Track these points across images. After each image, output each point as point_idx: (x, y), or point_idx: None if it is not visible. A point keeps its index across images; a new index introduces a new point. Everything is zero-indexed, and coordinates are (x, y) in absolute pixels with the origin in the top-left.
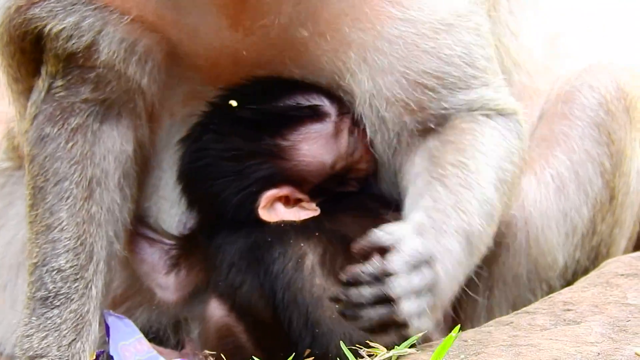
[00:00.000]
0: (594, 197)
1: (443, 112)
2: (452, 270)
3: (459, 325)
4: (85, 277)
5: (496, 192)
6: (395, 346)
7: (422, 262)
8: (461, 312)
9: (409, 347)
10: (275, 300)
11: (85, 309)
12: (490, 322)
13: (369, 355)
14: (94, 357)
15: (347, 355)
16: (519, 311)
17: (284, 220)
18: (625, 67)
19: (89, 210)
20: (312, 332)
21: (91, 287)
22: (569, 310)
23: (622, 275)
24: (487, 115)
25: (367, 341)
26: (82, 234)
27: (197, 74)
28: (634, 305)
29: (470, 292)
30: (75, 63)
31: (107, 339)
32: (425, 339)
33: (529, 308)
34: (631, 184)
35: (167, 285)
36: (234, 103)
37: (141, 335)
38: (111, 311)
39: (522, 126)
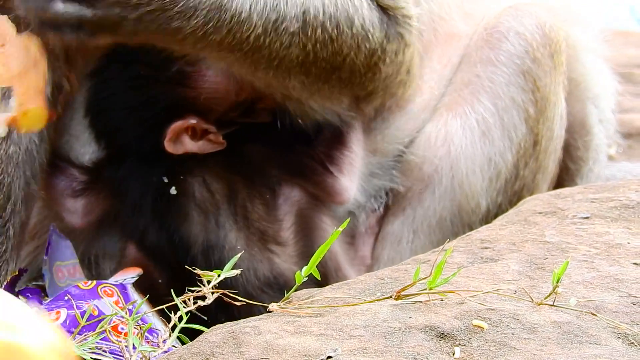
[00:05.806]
0: (518, 143)
1: None
2: None
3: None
4: (3, 217)
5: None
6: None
7: None
8: (384, 255)
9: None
10: (178, 241)
11: (3, 248)
12: (408, 260)
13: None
14: (16, 274)
15: (176, 301)
16: (437, 249)
17: (188, 153)
18: (548, 7)
19: (7, 150)
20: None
21: (9, 227)
22: (486, 248)
23: (540, 213)
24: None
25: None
26: (1, 174)
27: None
28: (551, 243)
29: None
30: None
31: (44, 256)
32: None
33: (447, 246)
34: (554, 129)
35: (74, 208)
36: None
37: (77, 261)
38: (57, 229)
39: (403, 27)
